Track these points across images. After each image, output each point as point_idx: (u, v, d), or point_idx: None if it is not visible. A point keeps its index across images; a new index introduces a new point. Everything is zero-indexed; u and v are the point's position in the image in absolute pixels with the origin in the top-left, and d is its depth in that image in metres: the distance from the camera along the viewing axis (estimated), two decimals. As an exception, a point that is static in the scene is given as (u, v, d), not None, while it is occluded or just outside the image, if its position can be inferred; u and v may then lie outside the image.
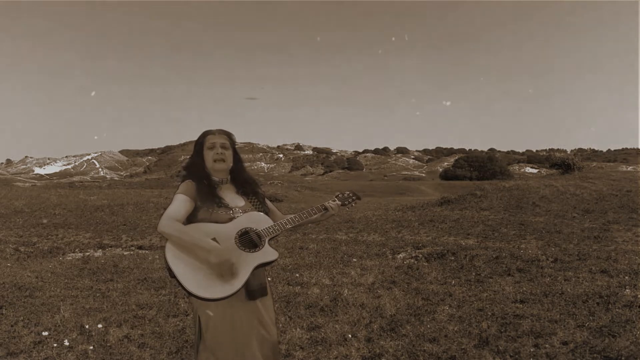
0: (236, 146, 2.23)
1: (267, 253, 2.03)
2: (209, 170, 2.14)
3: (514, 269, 5.46)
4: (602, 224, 9.16)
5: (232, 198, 2.15)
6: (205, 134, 2.15)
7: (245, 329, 2.00)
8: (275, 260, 2.06)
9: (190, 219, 2.03)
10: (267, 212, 2.21)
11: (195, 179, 2.09)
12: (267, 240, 2.05)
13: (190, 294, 1.88)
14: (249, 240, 2.02)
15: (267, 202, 2.28)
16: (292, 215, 2.20)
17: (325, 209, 2.26)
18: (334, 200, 2.32)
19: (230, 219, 2.04)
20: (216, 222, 2.02)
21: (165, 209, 2.01)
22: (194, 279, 1.89)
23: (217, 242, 1.95)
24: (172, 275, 1.90)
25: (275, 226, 2.09)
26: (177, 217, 1.95)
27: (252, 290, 2.00)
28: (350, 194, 2.37)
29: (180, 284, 1.88)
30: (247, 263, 1.97)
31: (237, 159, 2.20)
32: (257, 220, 2.08)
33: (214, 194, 2.08)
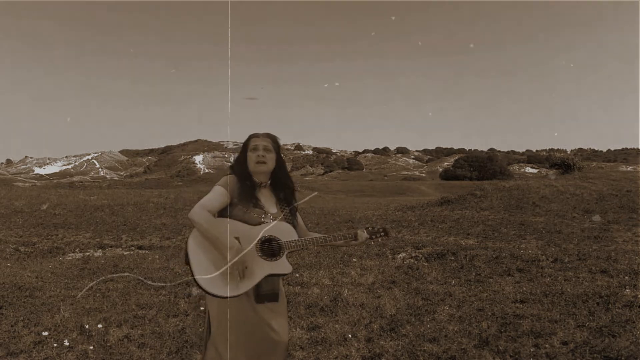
0: (281, 151, 2.24)
1: (281, 265, 2.06)
2: (250, 172, 2.16)
3: (514, 269, 5.45)
4: (602, 224, 9.17)
5: (267, 203, 2.17)
6: (251, 137, 2.19)
7: (251, 329, 2.05)
8: (288, 274, 2.10)
9: (224, 213, 2.06)
10: (295, 225, 2.23)
11: (238, 176, 2.13)
12: (285, 253, 2.08)
13: (196, 284, 1.95)
14: (269, 248, 2.05)
15: (298, 216, 2.29)
16: (317, 235, 2.20)
17: (354, 237, 2.24)
18: (363, 231, 2.29)
19: (259, 223, 2.07)
20: (246, 222, 2.05)
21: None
22: (206, 271, 1.96)
23: (239, 241, 2.00)
24: (187, 262, 1.97)
25: (299, 242, 2.11)
26: (210, 207, 2.00)
27: (262, 295, 2.04)
28: (380, 230, 2.33)
29: (191, 272, 1.95)
30: (260, 270, 2.02)
31: (280, 163, 2.21)
32: (283, 231, 2.10)
33: (252, 194, 2.11)
